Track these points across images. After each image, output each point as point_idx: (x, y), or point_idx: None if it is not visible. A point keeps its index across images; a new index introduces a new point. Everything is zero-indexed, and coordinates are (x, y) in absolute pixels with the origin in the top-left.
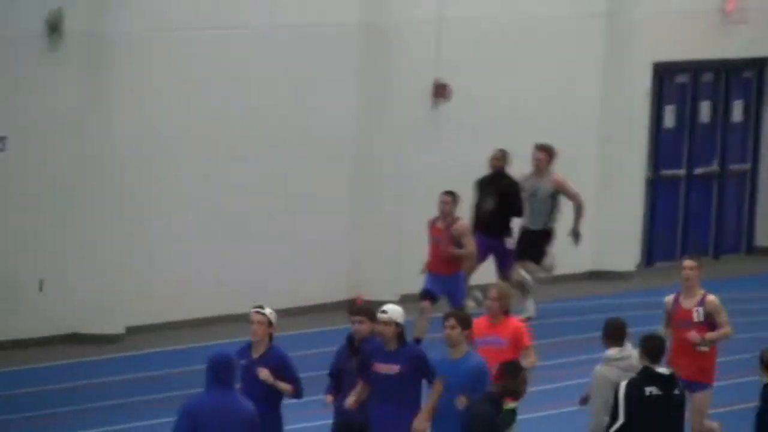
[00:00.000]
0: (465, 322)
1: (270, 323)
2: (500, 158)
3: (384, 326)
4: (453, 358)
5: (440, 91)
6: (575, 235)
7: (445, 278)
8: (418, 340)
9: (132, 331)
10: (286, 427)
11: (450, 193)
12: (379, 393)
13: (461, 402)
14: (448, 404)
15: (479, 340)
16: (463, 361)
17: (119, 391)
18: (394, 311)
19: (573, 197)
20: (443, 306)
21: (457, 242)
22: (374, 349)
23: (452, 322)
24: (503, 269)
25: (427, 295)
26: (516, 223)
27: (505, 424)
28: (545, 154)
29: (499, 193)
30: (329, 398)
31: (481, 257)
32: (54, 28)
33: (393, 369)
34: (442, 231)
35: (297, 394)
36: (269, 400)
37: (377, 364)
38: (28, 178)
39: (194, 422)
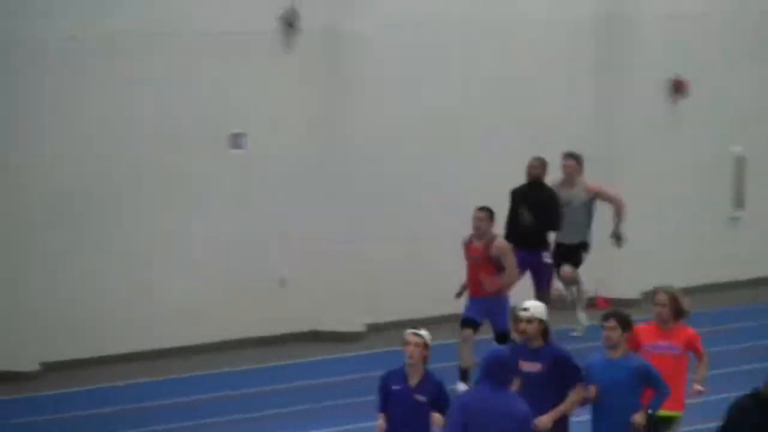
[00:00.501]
0: (625, 323)
1: (426, 345)
2: (537, 166)
3: (527, 324)
4: (613, 359)
5: (679, 87)
6: (617, 237)
7: (486, 301)
8: (464, 371)
9: None
10: None
11: (485, 209)
12: (521, 391)
13: (640, 418)
14: (605, 408)
15: (650, 346)
16: (623, 361)
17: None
18: (536, 308)
19: (613, 200)
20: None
21: (497, 263)
22: (520, 346)
23: (612, 323)
24: (540, 286)
25: (468, 323)
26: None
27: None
28: (574, 161)
29: (536, 204)
30: None
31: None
32: (290, 24)
33: (535, 367)
34: (481, 251)
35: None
36: (424, 429)
37: (520, 362)
38: (268, 175)
39: (466, 417)
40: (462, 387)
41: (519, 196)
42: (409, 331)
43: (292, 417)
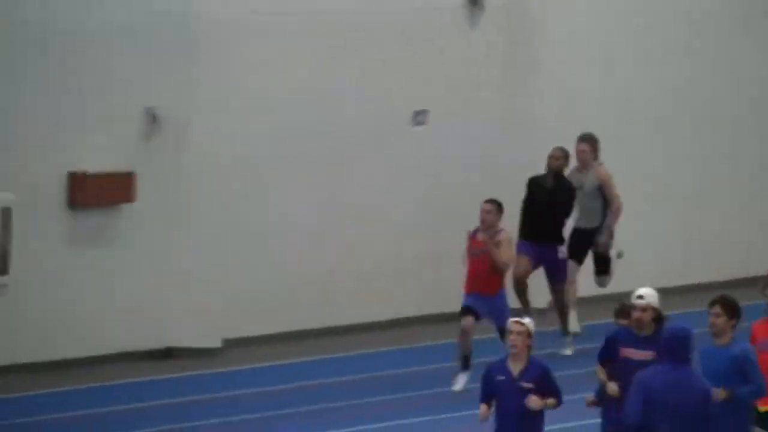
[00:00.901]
0: (731, 310)
1: (529, 334)
2: (559, 157)
3: (642, 312)
4: (719, 347)
5: None
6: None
7: (487, 298)
8: (466, 358)
9: None
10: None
11: (493, 202)
12: (625, 379)
13: (720, 395)
14: None
15: (764, 342)
16: (727, 349)
17: None
18: (650, 296)
19: (611, 198)
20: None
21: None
22: (625, 334)
23: (717, 309)
24: (555, 280)
25: (468, 311)
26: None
27: None
28: (589, 145)
29: (553, 195)
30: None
31: (532, 267)
32: (474, 1)
33: (647, 355)
34: (484, 244)
35: (558, 404)
36: (533, 415)
37: (629, 350)
38: (449, 151)
39: (647, 394)
40: (462, 378)
41: (536, 186)
42: (512, 319)
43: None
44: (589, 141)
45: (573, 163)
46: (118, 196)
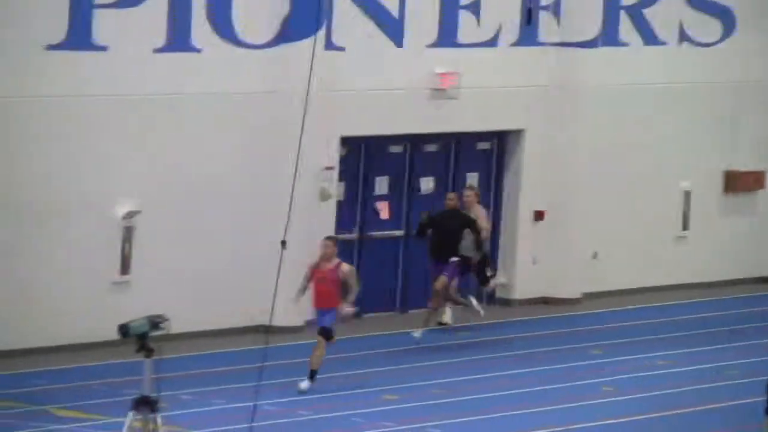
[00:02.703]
0: None
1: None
2: (453, 198)
3: None
4: None
5: None
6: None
7: (326, 312)
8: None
9: None
10: None
11: (332, 238)
12: None
13: None
14: None
15: None
16: None
17: None
18: None
19: (482, 227)
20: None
21: (345, 283)
22: None
23: None
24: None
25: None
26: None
27: None
28: (473, 192)
29: (452, 228)
30: None
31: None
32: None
33: None
34: (327, 272)
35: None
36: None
37: None
38: None
39: None
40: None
41: (436, 222)
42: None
43: None
44: (473, 189)
45: None
46: None
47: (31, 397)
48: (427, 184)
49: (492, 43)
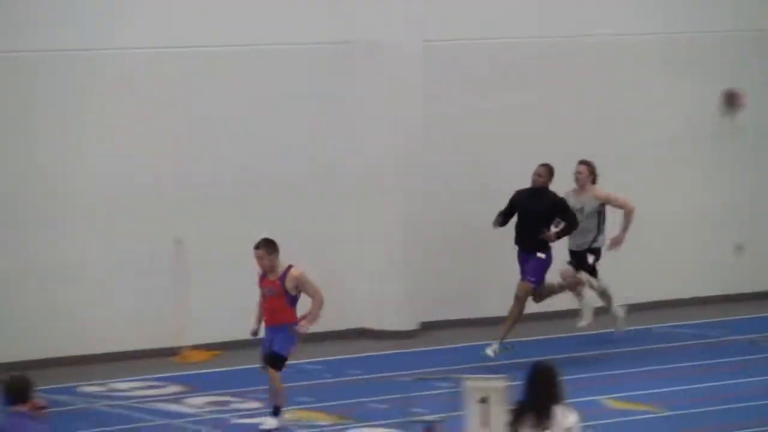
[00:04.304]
0: None
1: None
2: (543, 174)
3: None
4: None
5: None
6: (617, 242)
7: (276, 329)
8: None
9: None
10: None
11: (261, 247)
12: None
13: None
14: None
15: None
16: None
17: None
18: None
19: (622, 205)
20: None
21: (296, 293)
22: None
23: None
24: (525, 276)
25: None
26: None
27: None
28: (586, 167)
29: (537, 210)
30: None
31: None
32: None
33: None
34: (276, 282)
35: None
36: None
37: None
38: None
39: None
40: (271, 422)
41: (519, 201)
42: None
43: None
44: (587, 164)
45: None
46: None
47: None
48: None
49: None
